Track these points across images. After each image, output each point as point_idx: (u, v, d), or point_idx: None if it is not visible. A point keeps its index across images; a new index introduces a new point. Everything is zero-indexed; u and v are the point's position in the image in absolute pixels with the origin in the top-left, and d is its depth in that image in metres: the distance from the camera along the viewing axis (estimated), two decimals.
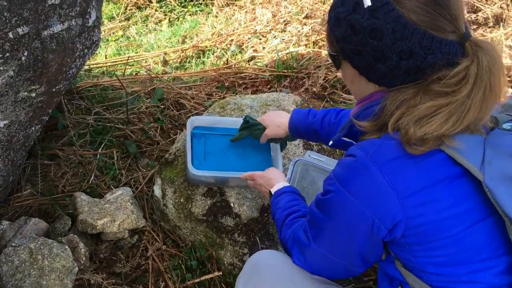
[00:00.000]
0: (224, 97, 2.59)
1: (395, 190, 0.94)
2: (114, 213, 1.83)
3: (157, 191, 1.86)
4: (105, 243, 1.86)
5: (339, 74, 2.34)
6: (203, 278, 1.74)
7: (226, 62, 2.92)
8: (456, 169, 0.95)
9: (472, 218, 0.95)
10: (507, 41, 2.71)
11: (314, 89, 2.29)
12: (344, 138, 1.24)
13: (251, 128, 1.75)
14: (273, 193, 1.46)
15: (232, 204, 1.77)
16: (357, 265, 1.10)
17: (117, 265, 1.82)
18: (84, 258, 1.73)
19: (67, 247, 1.68)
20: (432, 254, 0.97)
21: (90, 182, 2.06)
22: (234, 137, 1.81)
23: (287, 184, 1.49)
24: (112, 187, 2.08)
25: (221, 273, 1.75)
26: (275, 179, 1.51)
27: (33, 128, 1.71)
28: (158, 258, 1.85)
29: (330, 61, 2.60)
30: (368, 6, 0.97)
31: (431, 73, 0.97)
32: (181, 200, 1.78)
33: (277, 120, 1.69)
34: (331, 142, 1.28)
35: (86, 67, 2.68)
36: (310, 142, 2.01)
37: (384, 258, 1.09)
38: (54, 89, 1.50)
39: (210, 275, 1.75)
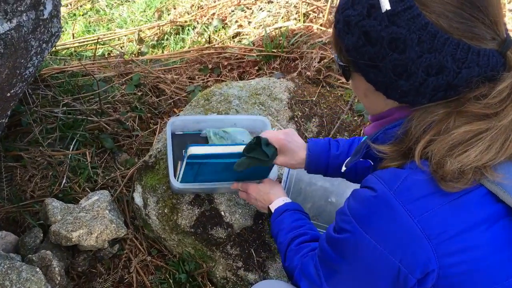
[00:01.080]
0: (207, 81, 2.36)
1: (426, 234, 0.78)
2: (91, 223, 1.63)
3: (138, 199, 1.67)
4: (83, 255, 1.68)
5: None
6: None
7: (208, 39, 2.66)
8: (498, 207, 0.79)
9: None
10: None
11: (308, 72, 2.07)
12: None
13: (260, 153, 1.33)
14: (273, 210, 1.28)
15: (222, 213, 1.59)
16: None
17: (97, 280, 1.65)
18: (59, 278, 1.55)
19: (38, 269, 1.49)
20: None
21: (62, 185, 1.85)
22: (239, 163, 1.35)
23: (287, 199, 1.31)
24: (87, 189, 1.87)
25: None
26: (274, 194, 1.33)
27: None
28: (143, 270, 1.68)
29: (324, 39, 2.38)
30: (386, 10, 0.78)
31: (466, 90, 0.79)
32: (165, 211, 1.59)
33: (295, 153, 1.33)
34: (344, 168, 1.08)
35: (51, 49, 2.39)
36: (306, 135, 1.83)
37: None
38: (8, 94, 1.26)
39: None
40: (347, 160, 1.04)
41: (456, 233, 0.78)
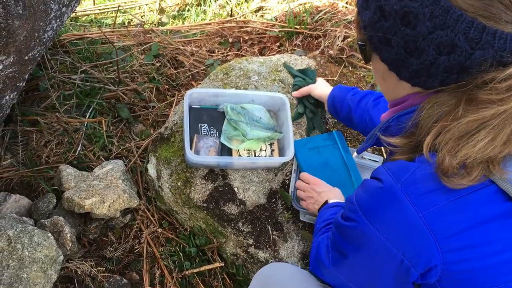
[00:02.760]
0: (227, 55, 2.31)
1: (431, 229, 0.75)
2: (104, 192, 1.63)
3: (152, 170, 1.65)
4: (95, 223, 1.69)
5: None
6: (203, 268, 1.58)
7: (230, 12, 2.60)
8: (509, 205, 0.75)
9: None
10: None
11: (331, 51, 2.01)
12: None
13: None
14: (326, 204, 1.32)
15: (236, 189, 1.57)
16: None
17: (108, 248, 1.66)
18: (70, 244, 1.55)
19: (49, 234, 1.49)
20: None
21: (77, 153, 1.85)
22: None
23: (342, 201, 1.33)
24: (102, 158, 1.87)
25: (223, 264, 1.58)
26: (334, 195, 1.36)
27: (7, 97, 1.46)
28: (153, 241, 1.68)
29: (350, 17, 2.30)
30: None
31: (477, 74, 0.74)
32: (179, 184, 1.58)
33: (325, 86, 1.56)
34: (355, 154, 1.07)
35: (72, 15, 2.36)
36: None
37: None
38: (26, 57, 1.24)
39: (211, 266, 1.58)
40: (360, 146, 1.03)
41: (461, 230, 0.75)
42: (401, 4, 0.76)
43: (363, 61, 2.02)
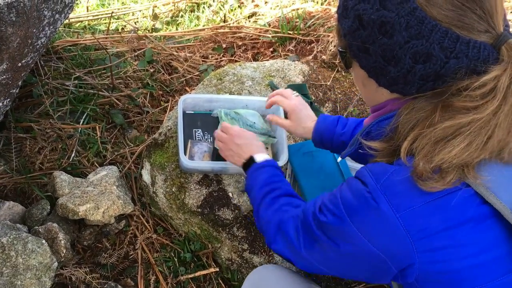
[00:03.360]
0: (221, 60, 2.32)
1: (407, 230, 0.78)
2: (98, 198, 1.63)
3: (146, 176, 1.65)
4: (89, 229, 1.68)
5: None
6: (198, 273, 1.58)
7: (223, 18, 2.61)
8: (484, 208, 0.77)
9: (502, 269, 0.78)
10: None
11: (324, 56, 2.03)
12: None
13: None
14: (253, 163, 1.26)
15: (230, 194, 1.57)
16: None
17: (102, 254, 1.65)
18: (64, 250, 1.55)
19: (44, 241, 1.49)
20: None
21: (71, 159, 1.84)
22: None
23: (268, 157, 1.28)
24: (96, 164, 1.86)
25: (218, 269, 1.58)
26: (257, 148, 1.29)
27: (0, 104, 1.47)
28: (148, 247, 1.67)
29: None
30: None
31: (453, 82, 0.77)
32: (173, 190, 1.58)
33: (303, 122, 1.38)
34: (339, 159, 1.08)
35: (66, 21, 2.36)
36: None
37: None
38: (20, 64, 1.24)
39: (206, 271, 1.58)
40: (343, 152, 1.04)
41: (436, 231, 0.77)
42: (378, 14, 0.78)
43: (344, 68, 2.05)
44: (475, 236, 0.77)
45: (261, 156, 1.27)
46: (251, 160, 1.27)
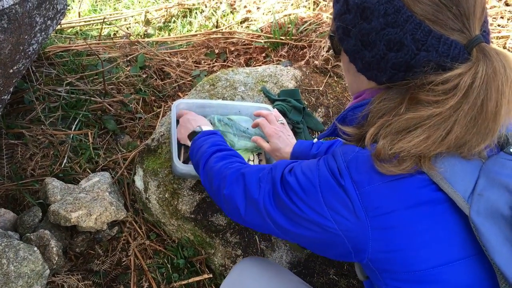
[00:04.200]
0: (213, 66, 2.33)
1: (364, 206, 0.81)
2: (90, 205, 1.62)
3: (139, 182, 1.65)
4: (81, 236, 1.67)
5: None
6: (191, 279, 1.57)
7: (216, 24, 2.62)
8: (438, 194, 0.79)
9: (452, 254, 0.79)
10: None
11: (316, 61, 2.04)
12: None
13: None
14: (200, 132, 1.33)
15: None
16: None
17: (95, 261, 1.64)
18: (56, 258, 1.54)
19: (35, 248, 1.47)
20: (402, 286, 0.83)
21: (63, 165, 1.83)
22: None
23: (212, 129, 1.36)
24: (88, 170, 1.85)
25: (211, 275, 1.57)
26: (203, 125, 1.39)
27: None
28: (141, 254, 1.67)
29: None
30: None
31: (421, 74, 0.80)
32: (166, 196, 1.57)
33: (280, 148, 1.43)
34: (315, 140, 1.14)
35: (57, 27, 2.35)
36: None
37: (365, 279, 1.00)
38: (11, 70, 1.23)
39: (200, 277, 1.57)
40: (320, 134, 1.09)
41: (392, 210, 0.79)
42: (362, 0, 0.83)
43: (334, 55, 2.06)
44: (428, 219, 0.79)
45: (207, 127, 1.35)
46: (198, 130, 1.36)
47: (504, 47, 2.27)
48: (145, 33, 2.64)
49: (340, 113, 0.98)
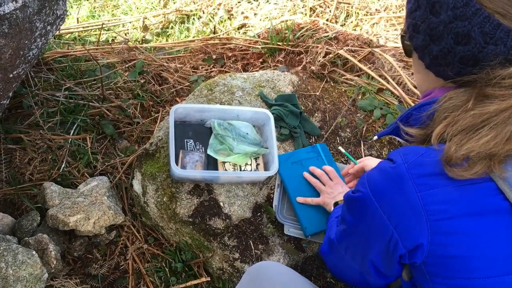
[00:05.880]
0: (211, 71, 2.34)
1: (426, 210, 0.80)
2: (89, 209, 1.63)
3: (137, 186, 1.66)
4: (80, 240, 1.67)
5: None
6: (189, 283, 1.58)
7: (213, 30, 2.64)
8: (505, 204, 0.78)
9: (508, 266, 0.79)
10: None
11: (313, 67, 2.06)
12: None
13: None
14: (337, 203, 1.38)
15: (221, 204, 1.58)
16: (371, 275, 0.97)
17: (93, 265, 1.64)
18: (55, 262, 1.54)
19: (34, 252, 1.48)
20: None
21: (61, 170, 1.84)
22: None
23: None
24: (86, 175, 1.86)
25: (209, 278, 1.58)
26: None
27: None
28: (139, 258, 1.67)
29: (330, 34, 2.36)
30: None
31: (487, 68, 0.80)
32: (164, 199, 1.58)
33: (328, 204, 1.48)
34: (375, 137, 1.14)
35: (56, 33, 2.37)
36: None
37: (408, 280, 0.96)
38: (11, 75, 1.25)
39: (198, 281, 1.58)
40: (380, 132, 1.09)
41: (457, 215, 0.79)
42: None
43: (346, 77, 2.09)
44: (491, 228, 0.79)
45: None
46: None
47: None
48: (143, 39, 2.66)
49: (403, 112, 0.97)
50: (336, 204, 1.40)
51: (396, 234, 0.83)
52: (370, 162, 1.46)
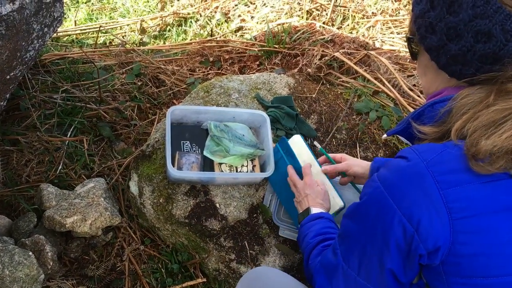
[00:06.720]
0: (208, 74, 2.36)
1: (449, 207, 0.78)
2: (85, 210, 1.63)
3: (133, 187, 1.66)
4: (76, 241, 1.68)
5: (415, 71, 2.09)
6: (185, 284, 1.58)
7: (210, 32, 2.66)
8: None
9: None
10: None
11: (309, 69, 2.07)
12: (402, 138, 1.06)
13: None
14: (309, 213, 1.30)
15: (217, 205, 1.59)
16: None
17: (89, 267, 1.65)
18: (51, 263, 1.54)
19: (30, 253, 1.48)
20: None
21: (58, 171, 1.84)
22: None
23: (325, 211, 1.32)
24: (83, 176, 1.87)
25: (205, 279, 1.59)
26: (321, 204, 1.34)
27: None
28: (136, 259, 1.68)
29: (326, 37, 2.38)
30: None
31: (509, 65, 0.81)
32: (160, 201, 1.59)
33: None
34: (385, 136, 1.13)
35: (53, 35, 2.38)
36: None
37: (415, 282, 0.93)
38: (8, 76, 1.25)
39: (194, 282, 1.59)
40: (390, 130, 1.06)
41: (481, 213, 0.78)
42: None
43: (342, 79, 2.10)
44: (511, 226, 0.78)
45: (317, 208, 1.31)
46: (307, 210, 1.32)
47: None
48: (141, 41, 2.67)
49: (416, 110, 0.96)
50: (302, 216, 1.34)
51: (417, 236, 0.80)
52: (354, 162, 1.45)
